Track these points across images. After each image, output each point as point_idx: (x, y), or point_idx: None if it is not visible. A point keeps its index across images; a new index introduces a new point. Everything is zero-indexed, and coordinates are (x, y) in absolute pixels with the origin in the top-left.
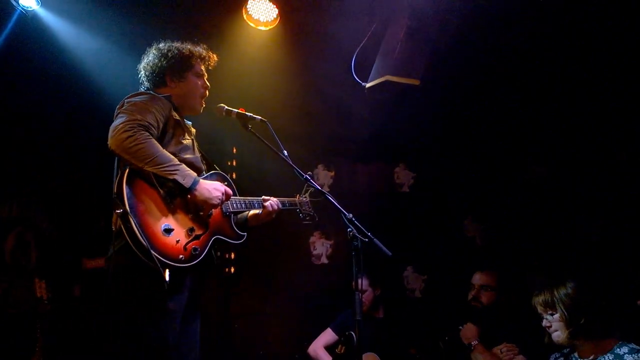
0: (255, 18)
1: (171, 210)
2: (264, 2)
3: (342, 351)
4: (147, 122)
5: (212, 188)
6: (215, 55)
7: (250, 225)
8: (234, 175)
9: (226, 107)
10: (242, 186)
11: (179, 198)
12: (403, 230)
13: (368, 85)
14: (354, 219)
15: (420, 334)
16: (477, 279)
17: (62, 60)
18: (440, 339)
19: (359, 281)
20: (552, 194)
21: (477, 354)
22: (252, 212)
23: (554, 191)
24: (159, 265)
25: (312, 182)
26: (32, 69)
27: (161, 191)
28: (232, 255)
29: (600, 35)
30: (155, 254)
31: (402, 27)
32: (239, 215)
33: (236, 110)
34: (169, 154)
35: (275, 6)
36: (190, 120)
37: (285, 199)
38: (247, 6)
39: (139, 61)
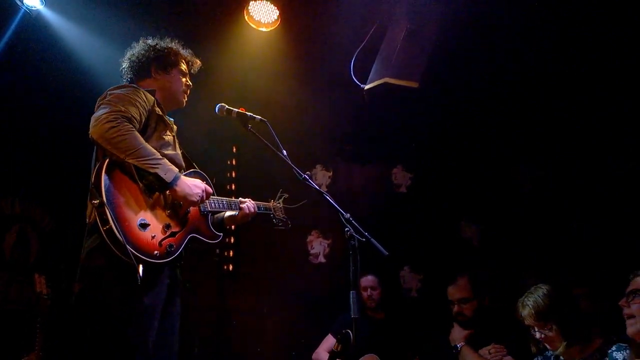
0: (256, 19)
1: (149, 204)
2: (265, 3)
3: (338, 349)
4: (130, 114)
5: (192, 184)
6: (198, 61)
7: (226, 225)
8: (233, 174)
9: (227, 106)
10: (242, 184)
11: (158, 193)
12: (400, 230)
13: (367, 87)
14: (351, 219)
15: (420, 336)
16: (452, 293)
17: (65, 60)
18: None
19: (356, 280)
20: (548, 197)
21: (464, 356)
22: (228, 213)
23: (550, 193)
24: (133, 259)
25: (310, 182)
26: (35, 67)
27: (140, 184)
28: (231, 253)
29: (599, 38)
30: (130, 249)
31: (402, 30)
32: (216, 216)
33: (236, 109)
34: (152, 147)
35: (276, 8)
36: (173, 117)
37: (261, 203)
38: (249, 7)
39: None
